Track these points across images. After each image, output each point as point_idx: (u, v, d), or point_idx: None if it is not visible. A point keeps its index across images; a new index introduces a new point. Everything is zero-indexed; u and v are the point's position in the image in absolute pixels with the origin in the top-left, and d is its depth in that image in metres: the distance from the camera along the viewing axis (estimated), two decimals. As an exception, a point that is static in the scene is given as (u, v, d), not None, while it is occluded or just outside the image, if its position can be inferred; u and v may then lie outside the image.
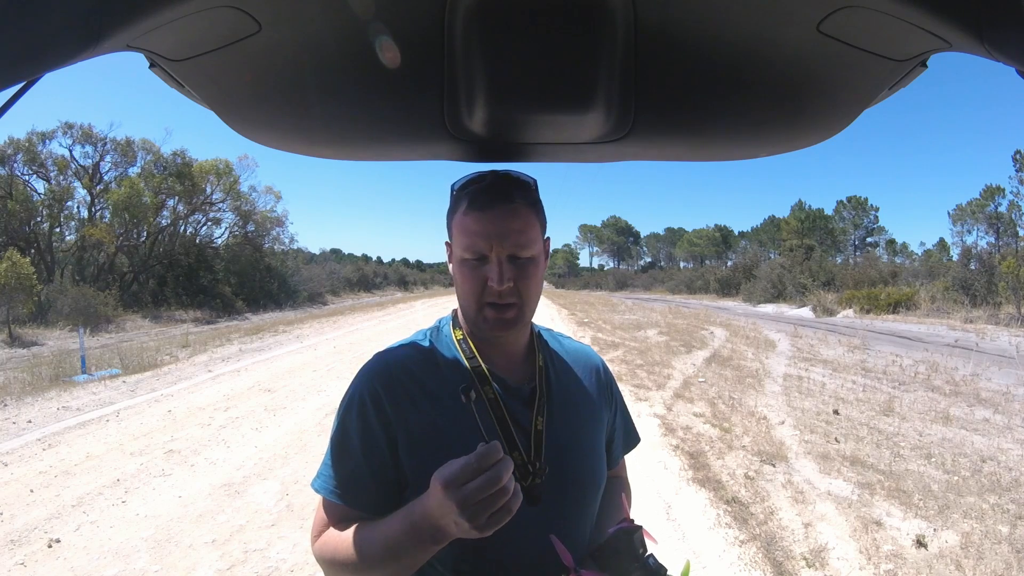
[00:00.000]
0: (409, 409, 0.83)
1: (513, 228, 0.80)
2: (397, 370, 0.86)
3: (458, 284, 0.85)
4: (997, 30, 0.46)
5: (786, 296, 31.14)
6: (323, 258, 49.97)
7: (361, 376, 0.87)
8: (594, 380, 0.99)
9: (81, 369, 8.93)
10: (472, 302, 0.83)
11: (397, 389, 0.84)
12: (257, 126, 0.84)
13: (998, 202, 38.80)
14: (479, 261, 0.81)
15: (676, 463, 4.83)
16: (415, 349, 0.89)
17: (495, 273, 0.80)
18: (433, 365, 0.87)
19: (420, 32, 0.65)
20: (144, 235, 23.74)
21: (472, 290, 0.83)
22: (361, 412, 0.83)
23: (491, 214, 0.80)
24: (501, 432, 0.83)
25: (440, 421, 0.82)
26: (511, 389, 0.87)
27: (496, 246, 0.80)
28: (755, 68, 0.69)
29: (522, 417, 0.86)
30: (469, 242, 0.81)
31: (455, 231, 0.84)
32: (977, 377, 8.95)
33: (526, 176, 0.88)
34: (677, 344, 12.98)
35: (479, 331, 0.88)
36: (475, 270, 0.82)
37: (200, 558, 3.20)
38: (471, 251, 0.81)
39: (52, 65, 0.43)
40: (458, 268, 0.84)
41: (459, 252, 0.83)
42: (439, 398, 0.84)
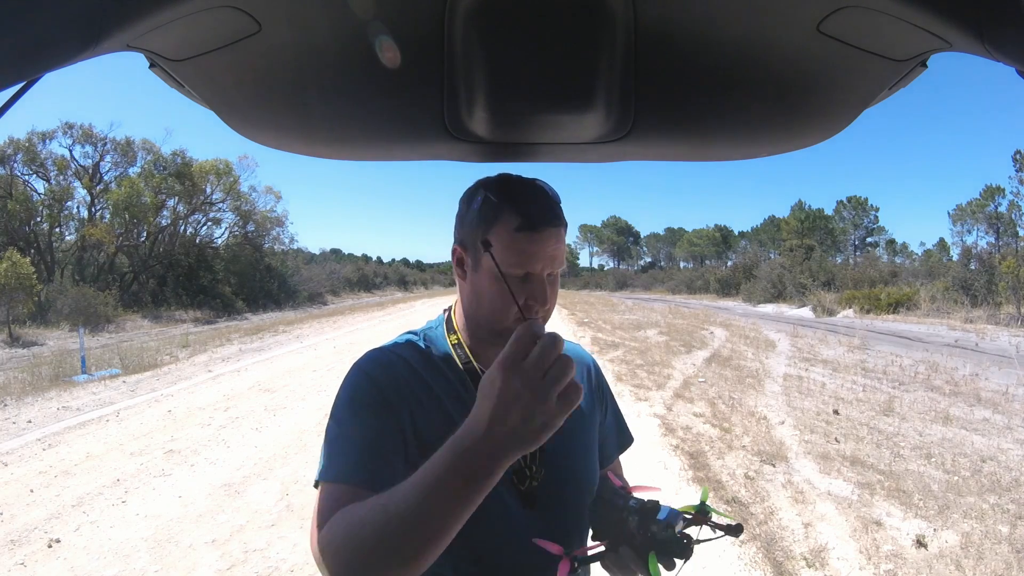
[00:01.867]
0: (412, 402, 0.81)
1: (560, 250, 0.82)
2: (398, 364, 0.84)
3: (487, 297, 0.82)
4: (997, 30, 0.46)
5: (786, 296, 31.14)
6: (323, 258, 50.03)
7: (360, 367, 0.84)
8: (584, 380, 1.00)
9: (81, 369, 8.93)
10: (504, 315, 0.82)
11: (399, 381, 0.82)
12: (257, 126, 0.84)
13: (998, 202, 38.81)
14: (522, 279, 0.81)
15: (676, 463, 4.83)
16: (411, 347, 0.88)
17: (541, 293, 0.81)
18: (431, 364, 0.87)
19: (420, 32, 0.65)
20: (144, 235, 23.74)
21: (507, 306, 0.81)
22: (371, 392, 0.81)
23: (545, 235, 0.80)
24: None
25: (438, 419, 0.82)
26: None
27: (546, 267, 0.81)
28: (755, 68, 0.69)
29: None
30: (518, 261, 0.79)
31: (497, 244, 0.79)
32: (977, 377, 8.95)
33: (556, 194, 0.87)
34: (677, 344, 12.98)
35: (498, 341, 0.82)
36: (515, 287, 0.80)
37: (200, 558, 3.20)
38: (518, 268, 0.80)
39: (52, 65, 0.43)
40: (494, 282, 0.81)
41: (508, 268, 0.80)
42: (438, 397, 0.84)
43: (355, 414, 0.80)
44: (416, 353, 0.87)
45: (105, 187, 23.03)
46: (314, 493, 0.82)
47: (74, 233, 22.89)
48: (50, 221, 21.64)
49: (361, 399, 0.80)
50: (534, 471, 0.85)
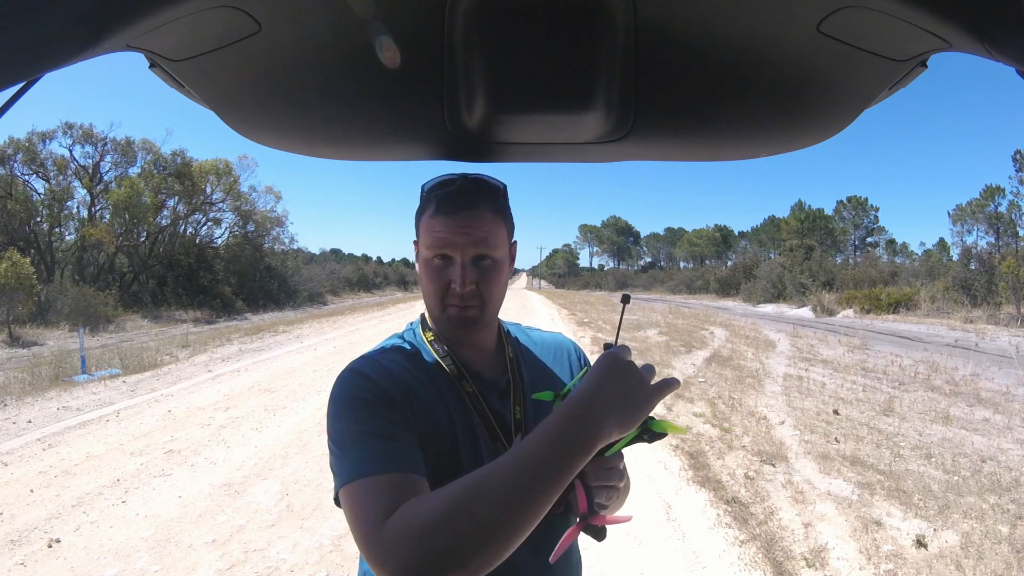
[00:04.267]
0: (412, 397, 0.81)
1: (477, 233, 0.83)
2: (389, 364, 0.85)
3: (423, 284, 0.87)
4: (997, 30, 0.46)
5: (786, 296, 31.14)
6: (323, 258, 50.01)
7: (353, 368, 0.82)
8: (565, 362, 1.03)
9: (81, 369, 8.93)
10: (436, 301, 0.86)
11: (395, 378, 0.82)
12: (257, 126, 0.84)
13: (998, 202, 38.79)
14: (444, 262, 0.84)
15: (676, 463, 4.83)
16: (396, 349, 0.89)
17: (458, 276, 0.83)
18: (415, 362, 0.88)
19: (420, 32, 0.65)
20: (144, 235, 23.73)
21: (436, 290, 0.85)
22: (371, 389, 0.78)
23: (457, 218, 0.82)
24: (484, 425, 0.86)
25: (431, 419, 0.82)
26: (487, 383, 0.90)
27: (460, 250, 0.83)
28: (755, 68, 0.69)
29: (502, 409, 0.89)
30: (435, 244, 0.83)
31: (422, 232, 0.86)
32: (977, 377, 8.95)
33: (495, 181, 0.89)
34: (677, 344, 12.98)
35: (444, 330, 0.89)
36: (440, 271, 0.84)
37: (200, 558, 3.20)
38: (437, 253, 0.84)
39: (52, 65, 0.43)
40: (423, 268, 0.86)
41: (425, 252, 0.86)
42: (429, 392, 0.85)
43: (362, 409, 0.77)
44: (402, 354, 0.88)
45: (105, 187, 23.02)
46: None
47: (74, 233, 22.88)
48: (50, 221, 21.63)
49: (363, 396, 0.78)
50: None
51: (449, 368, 0.87)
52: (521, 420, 0.90)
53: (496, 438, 0.86)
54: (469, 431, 0.85)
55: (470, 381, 0.88)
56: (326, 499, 3.97)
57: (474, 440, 0.85)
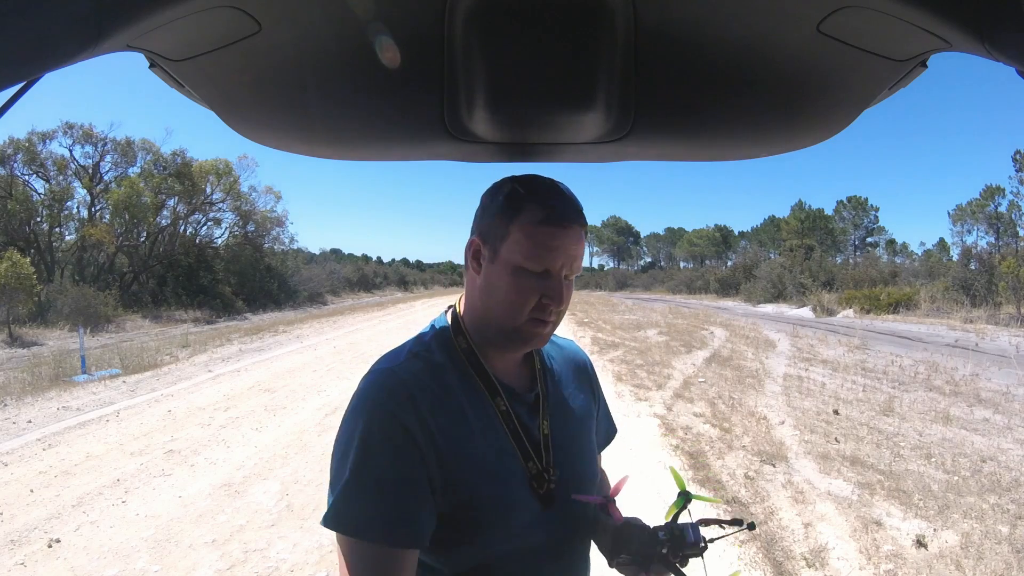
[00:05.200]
0: (438, 433, 0.76)
1: (579, 250, 0.81)
2: (416, 391, 0.77)
3: (500, 291, 0.80)
4: (997, 30, 0.46)
5: (786, 296, 31.13)
6: (323, 258, 49.97)
7: (373, 394, 0.77)
8: (584, 377, 1.01)
9: (81, 369, 8.93)
10: (518, 313, 0.80)
11: (422, 413, 0.76)
12: (257, 126, 0.84)
13: (998, 202, 38.78)
14: (540, 275, 0.78)
15: (676, 463, 4.83)
16: (423, 361, 0.82)
17: (557, 291, 0.79)
18: (444, 377, 0.81)
19: (420, 32, 0.65)
20: (144, 235, 23.72)
21: (522, 301, 0.79)
22: (393, 433, 0.74)
23: (569, 232, 0.78)
24: (516, 445, 0.83)
25: (464, 438, 0.78)
26: (517, 397, 0.86)
27: (563, 264, 0.79)
28: (755, 68, 0.69)
29: (531, 424, 0.85)
30: (539, 254, 0.77)
31: (519, 236, 0.78)
32: (977, 377, 8.95)
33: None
34: (677, 344, 12.98)
35: (504, 342, 0.83)
36: (533, 282, 0.78)
37: (200, 558, 3.20)
38: (538, 264, 0.78)
39: (52, 65, 0.43)
40: (508, 275, 0.79)
41: (519, 260, 0.78)
42: (461, 413, 0.80)
43: (378, 452, 0.74)
44: (427, 367, 0.81)
45: (105, 187, 23.01)
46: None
47: (74, 233, 22.88)
48: (50, 221, 21.63)
49: (382, 442, 0.74)
50: (551, 474, 0.85)
51: (485, 381, 0.83)
52: (548, 436, 0.86)
53: (528, 458, 0.83)
54: (500, 452, 0.81)
55: (504, 397, 0.83)
56: (326, 499, 3.97)
57: (505, 460, 0.81)
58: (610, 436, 1.09)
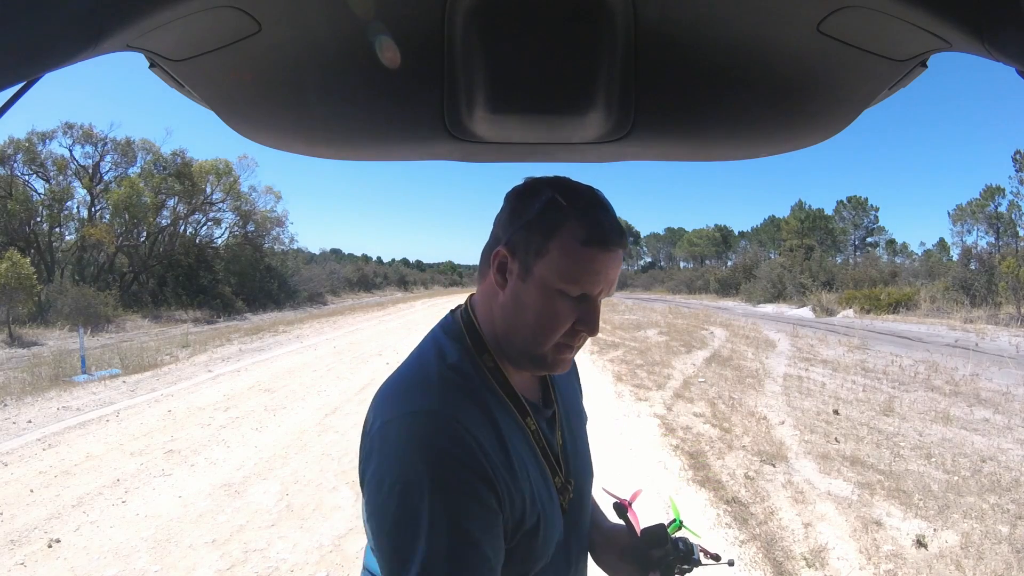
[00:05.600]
0: (499, 463, 0.69)
1: (618, 272, 0.75)
2: (470, 425, 0.68)
3: (532, 313, 0.73)
4: (997, 30, 0.46)
5: (786, 296, 31.13)
6: (323, 258, 49.96)
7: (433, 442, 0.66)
8: (575, 376, 1.01)
9: (81, 369, 8.93)
10: (547, 338, 0.73)
11: (484, 446, 0.68)
12: (257, 126, 0.84)
13: (998, 202, 38.70)
14: (577, 299, 0.72)
15: (676, 463, 4.83)
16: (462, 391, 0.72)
17: (593, 317, 0.73)
18: (486, 404, 0.74)
19: (420, 32, 0.65)
20: (144, 235, 23.71)
21: (555, 326, 0.72)
22: (467, 486, 0.65)
23: (613, 255, 0.72)
24: (546, 461, 0.80)
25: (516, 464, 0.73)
26: (539, 411, 0.82)
27: (602, 289, 0.73)
28: (755, 68, 0.69)
29: (551, 438, 0.82)
30: (580, 278, 0.71)
31: (558, 255, 0.70)
32: (977, 377, 8.95)
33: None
34: (677, 344, 12.98)
35: (524, 363, 0.77)
36: (567, 306, 0.72)
37: (200, 558, 3.20)
38: (577, 287, 0.71)
39: (52, 65, 0.43)
40: (543, 297, 0.72)
41: (555, 282, 0.71)
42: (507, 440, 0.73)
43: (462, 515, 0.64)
44: (472, 398, 0.72)
45: (105, 187, 23.00)
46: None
47: (74, 233, 22.87)
48: (50, 221, 21.63)
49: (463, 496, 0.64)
50: (571, 485, 0.84)
51: (515, 401, 0.77)
52: (563, 447, 0.84)
53: (555, 472, 0.80)
54: (541, 473, 0.78)
55: (532, 416, 0.79)
56: (326, 499, 3.97)
57: (545, 481, 0.78)
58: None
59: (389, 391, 0.73)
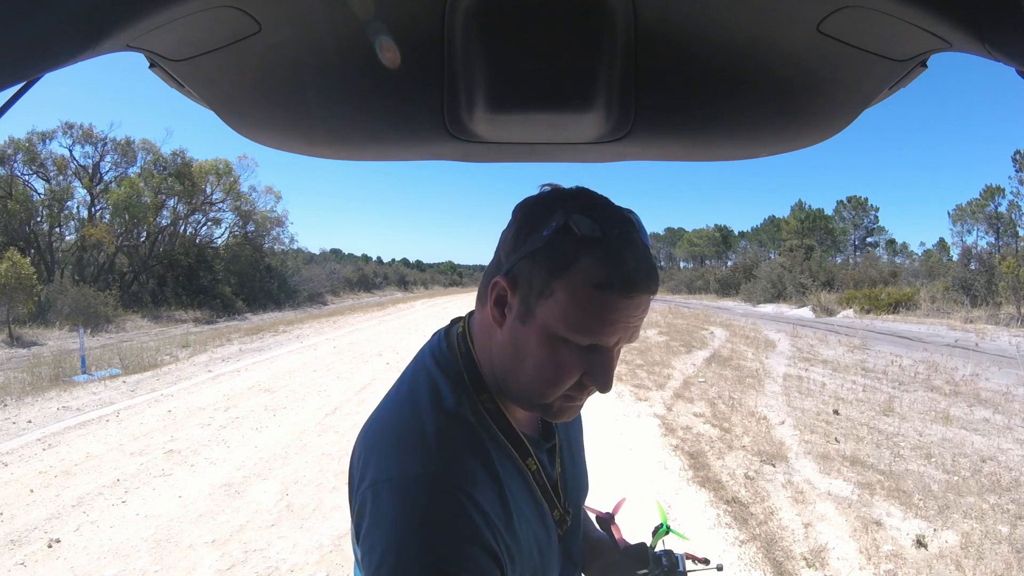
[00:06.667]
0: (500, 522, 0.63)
1: (643, 319, 0.63)
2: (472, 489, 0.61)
3: (532, 361, 0.63)
4: (997, 30, 0.46)
5: (786, 296, 31.14)
6: (323, 258, 49.93)
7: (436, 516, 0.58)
8: None
9: (81, 369, 8.93)
10: (551, 390, 0.63)
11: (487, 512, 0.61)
12: (257, 126, 0.84)
13: (998, 202, 38.68)
14: (586, 349, 0.61)
15: (676, 463, 4.83)
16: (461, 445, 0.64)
17: (604, 373, 0.62)
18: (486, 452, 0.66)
19: (420, 32, 0.65)
20: (144, 235, 23.72)
21: (558, 379, 0.62)
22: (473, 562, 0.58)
23: (636, 302, 0.60)
24: (545, 498, 0.74)
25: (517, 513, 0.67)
26: (539, 445, 0.75)
27: (622, 339, 0.62)
28: (755, 68, 0.69)
29: (550, 472, 0.76)
30: (590, 327, 0.60)
31: (566, 299, 0.59)
32: (977, 377, 8.95)
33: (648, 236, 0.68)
34: (677, 344, 12.98)
35: (529, 409, 0.69)
36: (574, 357, 0.62)
37: (200, 558, 3.20)
38: (586, 337, 0.60)
39: (52, 65, 0.43)
40: (544, 345, 0.62)
41: (560, 329, 0.60)
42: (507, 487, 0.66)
43: None
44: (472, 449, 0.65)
45: (105, 187, 23.01)
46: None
47: (74, 233, 22.87)
48: (50, 221, 21.63)
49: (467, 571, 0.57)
50: (569, 515, 0.80)
51: (515, 442, 0.69)
52: (561, 475, 0.79)
53: (555, 507, 0.75)
54: (542, 514, 0.72)
55: (534, 456, 0.71)
56: (326, 499, 3.97)
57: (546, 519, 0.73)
58: None
59: (379, 440, 0.65)
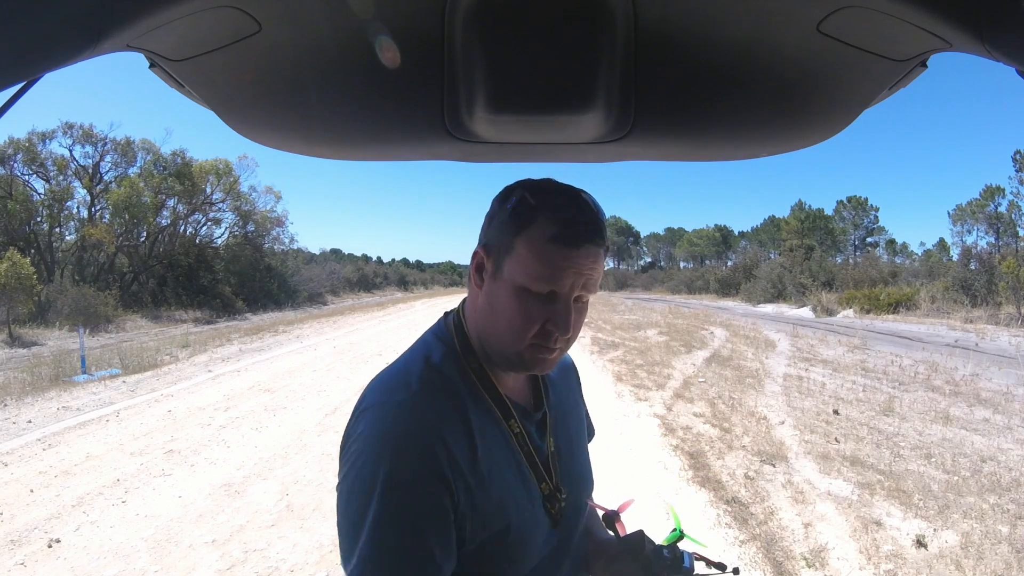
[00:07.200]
0: (464, 462, 0.69)
1: (596, 271, 0.73)
2: (436, 420, 0.70)
3: (501, 311, 0.73)
4: (997, 30, 0.46)
5: (786, 296, 31.15)
6: (323, 258, 49.98)
7: (395, 433, 0.68)
8: (574, 383, 0.99)
9: (81, 369, 8.93)
10: (519, 337, 0.72)
11: (449, 443, 0.68)
12: (257, 126, 0.84)
13: (998, 202, 38.71)
14: (546, 298, 0.71)
15: (676, 463, 4.83)
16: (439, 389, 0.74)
17: (563, 318, 0.71)
18: (463, 403, 0.74)
19: (420, 32, 0.65)
20: (144, 235, 23.74)
21: (524, 326, 0.72)
22: (420, 479, 0.66)
23: (583, 252, 0.70)
24: (530, 466, 0.79)
25: (489, 465, 0.73)
26: (527, 415, 0.81)
27: (572, 288, 0.71)
28: (755, 68, 0.69)
29: (541, 444, 0.82)
30: (545, 275, 0.70)
31: (525, 253, 0.71)
32: (977, 377, 8.95)
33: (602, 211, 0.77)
34: (677, 344, 12.98)
35: (508, 366, 0.77)
36: (536, 305, 0.71)
37: (200, 558, 3.20)
38: (543, 285, 0.70)
39: (52, 65, 0.43)
40: (511, 295, 0.72)
41: (522, 279, 0.71)
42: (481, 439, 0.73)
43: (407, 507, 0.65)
44: (447, 396, 0.73)
45: (105, 187, 23.02)
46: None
47: (74, 233, 22.90)
48: (50, 221, 21.64)
49: (414, 490, 0.65)
50: (562, 493, 0.82)
51: (499, 404, 0.77)
52: (554, 453, 0.83)
53: (542, 479, 0.79)
54: (522, 478, 0.77)
55: (517, 419, 0.78)
56: (326, 499, 3.97)
57: (527, 485, 0.78)
58: (590, 437, 1.06)
59: (372, 384, 0.76)
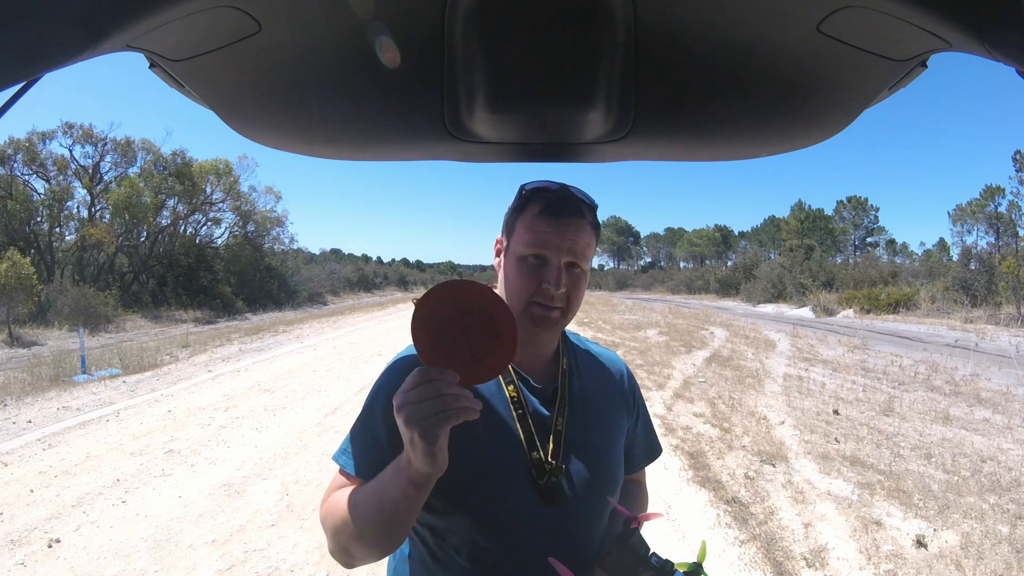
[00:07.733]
0: None
1: (578, 241, 0.87)
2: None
3: (509, 279, 0.89)
4: (997, 30, 0.46)
5: (786, 296, 31.15)
6: (323, 258, 50.02)
7: (391, 367, 0.90)
8: (617, 385, 1.02)
9: (81, 369, 8.93)
10: (522, 298, 0.87)
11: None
12: (257, 126, 0.84)
13: (998, 202, 38.72)
14: (538, 262, 0.87)
15: (676, 463, 4.83)
16: None
17: (553, 277, 0.85)
18: None
19: (420, 32, 0.65)
20: (144, 235, 23.72)
21: (525, 287, 0.87)
22: (390, 390, 0.80)
23: (561, 222, 0.86)
24: (522, 430, 0.86)
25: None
26: (534, 388, 0.91)
27: (558, 253, 0.86)
28: (755, 68, 0.69)
29: (544, 415, 0.89)
30: (535, 243, 0.86)
31: (521, 229, 0.88)
32: (977, 377, 8.95)
33: (592, 199, 0.93)
34: (677, 344, 12.98)
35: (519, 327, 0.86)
36: (533, 270, 0.86)
37: (200, 558, 3.20)
38: (534, 252, 0.86)
39: (52, 65, 0.43)
40: (514, 264, 0.88)
41: (520, 249, 0.87)
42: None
43: (371, 415, 0.87)
44: None
45: (105, 187, 23.00)
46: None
47: (74, 233, 22.84)
48: (50, 221, 21.61)
49: (381, 401, 0.85)
50: (554, 465, 0.86)
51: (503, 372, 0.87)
52: (563, 433, 0.89)
53: (533, 447, 0.86)
54: (504, 435, 0.86)
55: (517, 384, 0.89)
56: (326, 499, 3.97)
57: (508, 443, 0.85)
58: (652, 455, 1.10)
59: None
